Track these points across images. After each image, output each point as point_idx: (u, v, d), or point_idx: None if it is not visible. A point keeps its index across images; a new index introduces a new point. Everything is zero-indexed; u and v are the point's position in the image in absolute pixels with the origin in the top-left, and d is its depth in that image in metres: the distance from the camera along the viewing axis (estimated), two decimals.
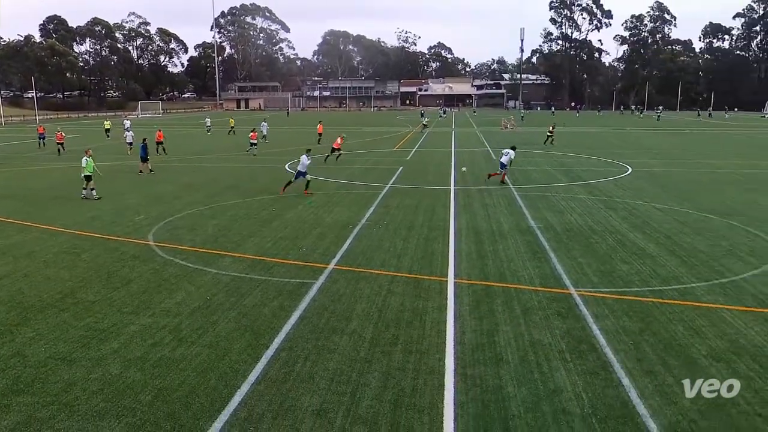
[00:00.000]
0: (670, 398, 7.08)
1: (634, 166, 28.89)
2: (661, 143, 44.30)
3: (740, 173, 26.92)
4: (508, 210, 18.40)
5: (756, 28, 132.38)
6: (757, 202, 19.75)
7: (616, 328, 9.13)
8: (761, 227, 15.81)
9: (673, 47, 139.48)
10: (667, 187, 22.96)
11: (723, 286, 11.10)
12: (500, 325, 9.29)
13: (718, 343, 8.60)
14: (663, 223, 16.54)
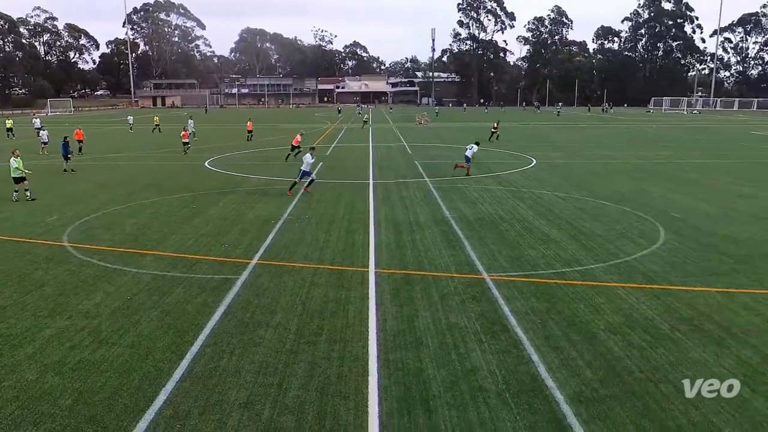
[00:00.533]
0: (574, 371, 7.47)
1: (538, 159, 30.11)
2: (561, 137, 46.38)
3: (630, 164, 28.65)
4: (424, 202, 18.72)
5: (641, 31, 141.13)
6: (645, 189, 21.10)
7: (525, 309, 9.51)
8: (649, 212, 16.91)
9: (570, 48, 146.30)
10: (568, 177, 24.09)
11: (618, 266, 11.80)
12: (419, 311, 9.45)
13: (614, 318, 9.15)
14: (564, 210, 17.35)
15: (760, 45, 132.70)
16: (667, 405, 6.67)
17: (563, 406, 6.65)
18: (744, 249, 13.05)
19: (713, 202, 18.69)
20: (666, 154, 33.19)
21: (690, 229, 14.94)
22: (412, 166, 27.58)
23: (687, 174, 25.06)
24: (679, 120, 75.16)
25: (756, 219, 16.16)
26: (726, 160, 30.29)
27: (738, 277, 11.17)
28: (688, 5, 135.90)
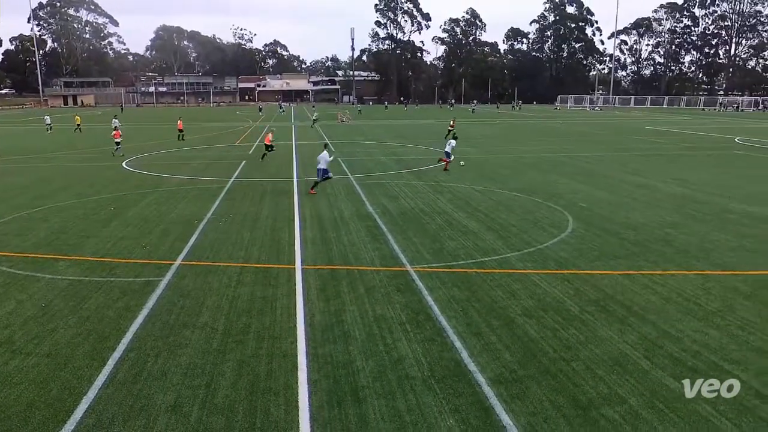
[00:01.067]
0: (494, 354, 7.72)
1: (456, 154, 30.75)
2: (476, 133, 47.66)
3: (539, 157, 29.86)
4: (348, 198, 18.71)
5: (548, 33, 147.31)
6: (553, 181, 22.07)
7: (447, 298, 9.73)
8: (557, 202, 17.71)
9: (483, 48, 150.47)
10: (484, 171, 24.80)
11: (531, 254, 12.29)
12: (347, 305, 9.46)
13: (529, 303, 9.53)
14: (481, 202, 17.86)
15: (652, 47, 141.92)
16: (578, 381, 7.03)
17: (485, 388, 6.86)
18: (641, 234, 13.93)
19: (614, 191, 19.82)
20: (571, 147, 34.84)
21: (595, 217, 15.77)
22: (335, 164, 27.47)
23: (591, 166, 26.41)
24: (582, 116, 79.10)
25: (650, 206, 17.28)
26: (624, 153, 32.17)
27: (637, 259, 11.91)
28: (589, 10, 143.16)
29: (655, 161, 28.35)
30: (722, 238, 13.59)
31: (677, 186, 20.84)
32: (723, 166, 26.85)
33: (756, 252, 12.44)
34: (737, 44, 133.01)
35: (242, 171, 25.08)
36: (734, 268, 11.32)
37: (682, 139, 41.72)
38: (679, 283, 10.47)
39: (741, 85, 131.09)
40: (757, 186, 21.00)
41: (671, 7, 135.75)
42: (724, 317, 8.90)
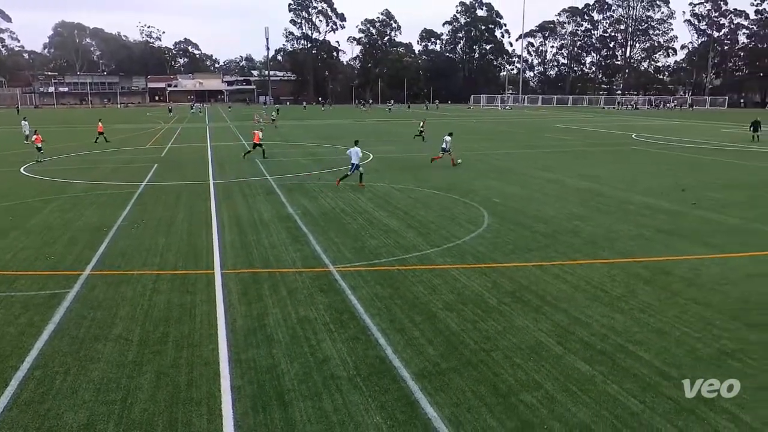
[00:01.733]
0: (418, 349, 7.85)
1: (376, 153, 31.02)
2: (394, 132, 48.22)
3: (456, 155, 30.59)
4: (268, 200, 18.40)
5: (460, 35, 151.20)
6: (469, 178, 22.72)
7: (370, 296, 9.79)
8: (473, 198, 18.26)
9: (398, 49, 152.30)
10: (403, 169, 25.14)
11: (450, 250, 12.60)
12: (269, 308, 9.30)
13: (450, 297, 9.77)
14: (401, 200, 18.10)
15: (556, 49, 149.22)
16: (498, 370, 7.29)
17: (410, 382, 6.97)
18: (551, 226, 14.64)
19: (526, 186, 20.69)
20: (486, 145, 36.01)
21: (509, 211, 16.40)
22: (253, 165, 26.94)
23: (503, 163, 27.42)
24: (494, 115, 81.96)
25: (559, 200, 18.19)
26: (534, 149, 33.66)
27: (548, 251, 12.51)
28: (498, 13, 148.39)
29: (563, 157, 29.84)
30: (624, 228, 14.52)
31: (583, 180, 22.05)
32: (623, 161, 28.69)
33: (653, 240, 13.40)
34: (632, 47, 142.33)
35: (155, 174, 24.04)
36: (635, 255, 12.14)
37: (586, 136, 44.17)
38: (587, 271, 11.09)
39: (636, 85, 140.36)
40: (653, 179, 22.60)
41: (572, 11, 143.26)
42: (628, 302, 9.53)
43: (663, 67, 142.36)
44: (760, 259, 11.88)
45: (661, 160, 28.80)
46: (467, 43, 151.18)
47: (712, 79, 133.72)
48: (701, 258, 11.94)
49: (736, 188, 20.48)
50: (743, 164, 27.21)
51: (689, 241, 13.28)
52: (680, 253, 12.34)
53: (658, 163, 27.56)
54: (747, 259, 11.88)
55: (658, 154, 31.52)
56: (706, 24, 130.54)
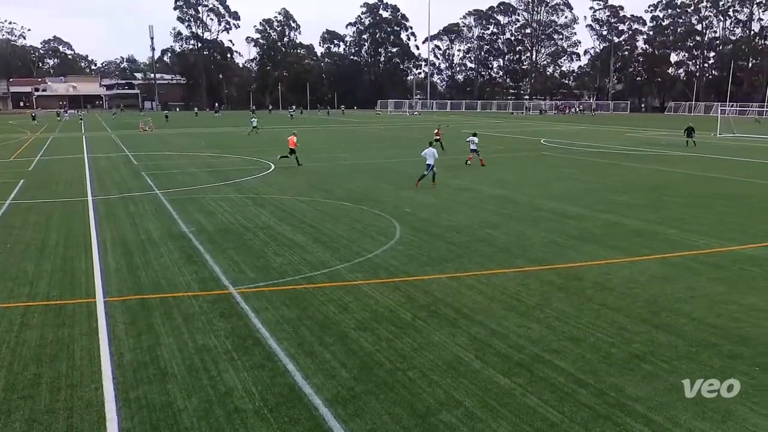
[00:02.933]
0: (330, 373, 7.80)
1: (277, 163, 30.66)
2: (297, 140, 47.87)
3: (364, 164, 30.95)
4: (157, 217, 17.66)
5: (365, 37, 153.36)
6: (379, 188, 23.01)
7: (276, 319, 9.62)
8: (384, 209, 18.49)
9: (299, 51, 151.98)
10: (308, 180, 25.02)
11: (361, 264, 12.66)
12: (162, 338, 8.90)
13: (363, 315, 9.80)
14: (307, 213, 17.99)
15: (463, 52, 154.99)
16: (415, 389, 7.39)
17: (323, 410, 6.90)
18: (465, 236, 15.10)
19: (437, 195, 21.23)
20: (394, 152, 36.62)
21: (421, 222, 16.74)
22: (138, 179, 25.79)
23: (414, 171, 27.93)
24: (402, 121, 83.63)
25: (472, 208, 18.81)
26: (446, 156, 34.63)
27: (462, 261, 12.88)
28: (403, 15, 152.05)
29: (473, 164, 30.89)
30: (536, 234, 15.25)
31: (495, 187, 22.96)
32: (533, 167, 30.20)
33: (564, 246, 14.17)
34: (537, 51, 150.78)
35: (20, 191, 22.38)
36: (548, 262, 12.77)
37: (496, 141, 46.09)
38: (501, 281, 11.52)
39: (543, 89, 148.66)
40: (562, 184, 23.96)
41: (478, 14, 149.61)
42: (543, 310, 9.99)
43: (568, 72, 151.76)
44: (664, 261, 12.88)
45: (569, 165, 30.57)
46: (372, 45, 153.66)
47: (615, 84, 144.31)
48: (610, 262, 12.76)
49: (639, 191, 22.11)
50: (645, 168, 29.45)
51: (598, 245, 14.16)
52: (591, 257, 13.13)
53: (566, 168, 29.24)
54: (652, 262, 12.83)
55: (566, 159, 33.43)
56: (606, 29, 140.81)
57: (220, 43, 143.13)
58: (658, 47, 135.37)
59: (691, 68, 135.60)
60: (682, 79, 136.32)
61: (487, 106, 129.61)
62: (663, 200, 20.34)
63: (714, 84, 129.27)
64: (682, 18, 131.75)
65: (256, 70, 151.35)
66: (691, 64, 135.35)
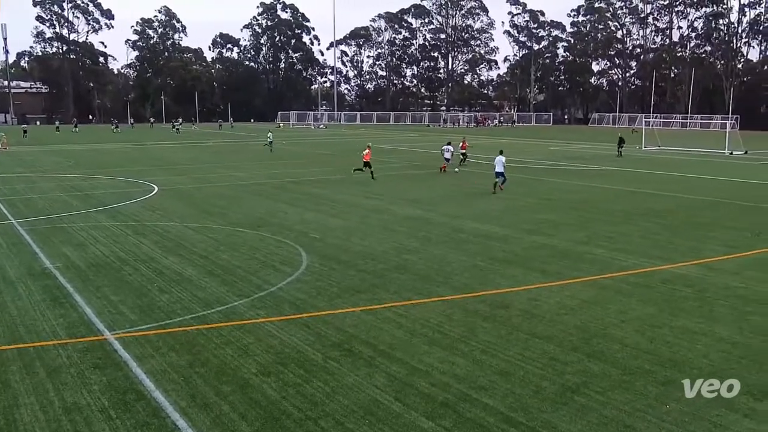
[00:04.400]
0: (229, 427, 7.58)
1: (161, 185, 29.80)
2: (184, 157, 46.85)
3: (262, 183, 30.64)
4: (13, 251, 16.65)
5: (262, 40, 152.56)
6: (280, 210, 22.82)
7: (163, 367, 9.26)
8: (287, 235, 18.34)
9: (184, 55, 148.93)
10: (198, 204, 24.44)
11: (263, 299, 12.45)
12: (21, 398, 8.34)
13: (266, 358, 9.62)
14: (198, 242, 17.55)
15: (373, 59, 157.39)
16: None
17: None
18: (380, 263, 15.22)
19: (347, 217, 21.32)
20: (300, 171, 36.53)
21: (330, 248, 16.72)
22: None
23: (320, 190, 28.02)
24: (307, 135, 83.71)
25: (386, 231, 19.02)
26: (358, 174, 34.89)
27: (378, 291, 12.95)
28: (304, 15, 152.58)
29: (387, 182, 31.34)
30: (458, 259, 15.61)
31: (411, 207, 23.35)
32: (451, 184, 30.98)
33: (489, 270, 14.59)
34: (454, 58, 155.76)
35: None
36: (472, 289, 13.09)
37: (411, 157, 47.03)
38: (422, 312, 11.67)
39: (461, 100, 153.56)
40: (483, 202, 24.75)
41: (388, 17, 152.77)
42: (468, 343, 10.20)
43: (487, 81, 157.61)
44: (594, 284, 13.52)
45: (491, 182, 31.58)
46: (271, 50, 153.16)
47: (536, 94, 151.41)
48: (538, 287, 13.24)
49: (564, 209, 23.19)
50: (571, 183, 30.96)
51: (525, 269, 14.68)
52: (517, 282, 13.57)
53: (488, 185, 30.16)
54: (582, 285, 13.44)
55: (487, 176, 34.50)
56: (525, 36, 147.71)
57: (90, 46, 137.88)
58: (579, 55, 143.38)
59: (613, 77, 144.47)
60: (605, 89, 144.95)
61: (401, 118, 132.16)
62: (590, 218, 21.41)
63: (637, 94, 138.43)
64: (602, 24, 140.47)
65: (134, 77, 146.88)
66: (614, 73, 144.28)
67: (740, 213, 22.69)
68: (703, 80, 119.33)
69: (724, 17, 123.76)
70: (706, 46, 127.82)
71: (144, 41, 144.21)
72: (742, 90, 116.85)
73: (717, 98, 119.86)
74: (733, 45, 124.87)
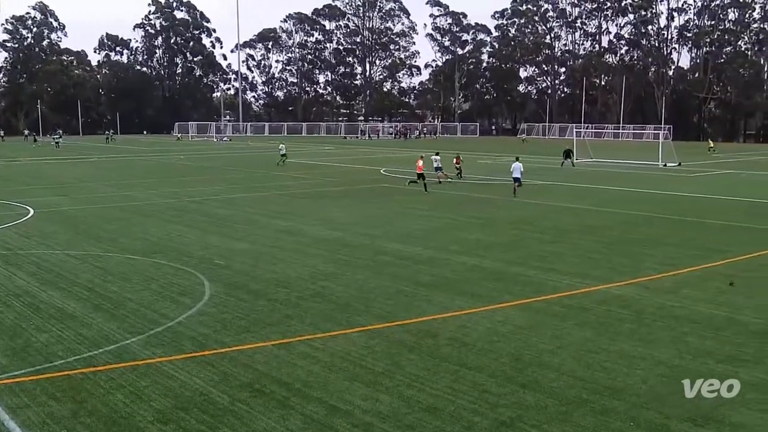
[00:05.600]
0: None
1: (37, 206, 28.67)
2: (66, 175, 45.28)
3: (157, 204, 29.95)
4: None
5: (156, 42, 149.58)
6: (179, 234, 22.35)
7: (41, 419, 8.88)
8: (188, 262, 17.96)
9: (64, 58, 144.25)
10: (82, 228, 23.63)
11: (160, 336, 12.12)
12: None
13: (164, 403, 9.35)
14: (82, 273, 16.95)
15: (283, 64, 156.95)
16: None
17: None
18: (294, 291, 15.10)
19: (256, 241, 21.09)
20: (201, 189, 35.92)
21: (237, 275, 16.48)
22: None
23: (225, 211, 27.61)
24: (209, 148, 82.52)
25: (300, 255, 18.92)
26: (263, 192, 34.66)
27: (292, 323, 12.84)
28: (203, 15, 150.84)
29: (300, 201, 31.25)
30: (381, 284, 15.68)
31: (327, 228, 23.33)
32: (372, 202, 31.19)
33: (415, 296, 14.72)
34: (372, 64, 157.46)
35: None
36: (396, 317, 13.15)
37: (327, 173, 47.07)
38: (342, 344, 11.64)
39: (380, 109, 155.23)
40: (407, 221, 25.01)
41: (299, 18, 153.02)
42: (393, 377, 10.23)
43: (408, 89, 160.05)
44: (527, 308, 13.87)
45: (415, 199, 32.01)
46: (167, 53, 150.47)
47: (461, 102, 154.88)
48: (468, 313, 13.45)
49: (495, 227, 23.79)
50: (501, 200, 31.73)
51: (453, 294, 14.89)
52: (445, 308, 13.74)
53: (412, 202, 30.56)
54: (514, 309, 13.75)
55: (411, 192, 34.96)
56: (449, 40, 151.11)
57: None
58: (505, 61, 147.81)
59: (542, 85, 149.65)
60: (534, 97, 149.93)
61: (314, 129, 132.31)
62: (522, 236, 21.99)
63: (567, 103, 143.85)
64: (530, 28, 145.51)
65: (3, 82, 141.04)
66: (542, 80, 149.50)
67: (677, 229, 23.85)
68: (635, 88, 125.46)
69: (652, 23, 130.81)
70: (635, 52, 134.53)
71: (17, 41, 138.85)
72: (674, 98, 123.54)
73: (649, 107, 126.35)
74: (663, 51, 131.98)
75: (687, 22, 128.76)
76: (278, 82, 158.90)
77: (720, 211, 28.64)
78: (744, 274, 16.79)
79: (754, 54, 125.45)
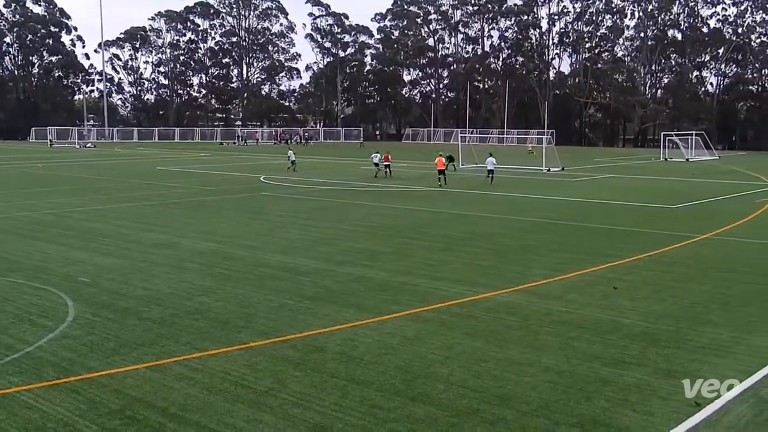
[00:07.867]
0: None
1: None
2: None
3: (11, 218, 28.41)
4: None
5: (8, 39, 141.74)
6: (38, 249, 21.27)
7: None
8: (48, 280, 17.12)
9: None
10: None
11: (18, 363, 11.48)
12: None
13: None
14: None
15: (153, 65, 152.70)
16: None
17: None
18: (168, 308, 14.68)
19: (125, 255, 20.38)
20: (63, 200, 34.37)
21: (104, 293, 15.87)
22: None
23: (90, 224, 26.53)
24: (71, 156, 79.13)
25: (175, 270, 18.43)
26: (133, 202, 33.55)
27: (167, 343, 12.46)
28: (63, 11, 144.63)
29: (174, 212, 30.47)
30: (263, 298, 15.50)
31: (204, 240, 22.85)
32: (253, 211, 30.84)
33: (299, 310, 14.63)
34: (249, 66, 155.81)
35: None
36: (280, 333, 13.03)
37: (203, 181, 46.13)
38: (221, 363, 11.40)
39: (259, 113, 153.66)
40: (290, 231, 24.89)
41: (170, 16, 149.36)
42: (277, 395, 10.11)
43: (288, 92, 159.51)
44: (415, 318, 14.06)
45: (298, 207, 31.90)
46: (21, 52, 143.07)
47: (344, 107, 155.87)
48: (355, 325, 13.49)
49: (382, 236, 24.04)
50: (388, 207, 32.15)
51: (340, 306, 14.91)
52: (332, 322, 13.73)
53: (295, 211, 30.43)
54: (403, 320, 13.91)
55: (294, 200, 34.82)
56: (330, 41, 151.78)
57: None
58: (388, 64, 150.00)
59: (426, 89, 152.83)
60: (418, 101, 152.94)
61: (188, 134, 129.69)
62: (410, 245, 22.30)
63: (451, 107, 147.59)
64: (413, 30, 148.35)
65: None
66: (426, 84, 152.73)
67: (565, 234, 24.86)
68: (518, 92, 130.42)
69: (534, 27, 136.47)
70: (517, 56, 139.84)
71: None
72: (556, 103, 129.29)
73: (532, 111, 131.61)
74: (545, 57, 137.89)
75: (566, 26, 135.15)
76: (148, 85, 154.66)
77: (604, 215, 30.12)
78: (627, 277, 17.77)
79: (631, 60, 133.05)
